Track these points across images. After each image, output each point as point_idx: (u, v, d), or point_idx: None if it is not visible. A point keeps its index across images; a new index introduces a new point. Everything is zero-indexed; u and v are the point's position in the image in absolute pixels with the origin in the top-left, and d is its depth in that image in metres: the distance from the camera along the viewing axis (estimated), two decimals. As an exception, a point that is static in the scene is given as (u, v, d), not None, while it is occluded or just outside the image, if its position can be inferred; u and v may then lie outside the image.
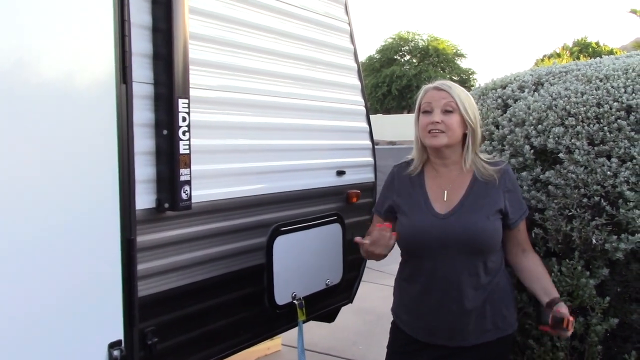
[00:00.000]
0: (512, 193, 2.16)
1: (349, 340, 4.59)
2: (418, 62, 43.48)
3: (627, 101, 2.38)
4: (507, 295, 2.20)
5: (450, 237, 2.09)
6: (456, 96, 2.13)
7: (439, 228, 2.11)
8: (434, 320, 2.16)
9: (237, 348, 2.78)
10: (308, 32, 3.11)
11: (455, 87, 2.16)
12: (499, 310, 2.16)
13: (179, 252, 2.36)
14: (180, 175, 2.21)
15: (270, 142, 2.83)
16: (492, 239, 2.11)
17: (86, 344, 1.98)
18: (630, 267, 2.28)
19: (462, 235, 2.08)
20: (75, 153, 1.92)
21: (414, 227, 2.17)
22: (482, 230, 2.08)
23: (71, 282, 1.92)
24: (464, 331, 2.13)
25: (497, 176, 2.15)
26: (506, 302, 2.19)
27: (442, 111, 2.12)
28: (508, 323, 2.19)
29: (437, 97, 2.14)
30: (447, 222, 2.11)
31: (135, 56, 2.11)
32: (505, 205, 2.13)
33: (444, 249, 2.10)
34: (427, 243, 2.13)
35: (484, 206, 2.11)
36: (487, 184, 2.15)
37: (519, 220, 2.17)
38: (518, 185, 2.24)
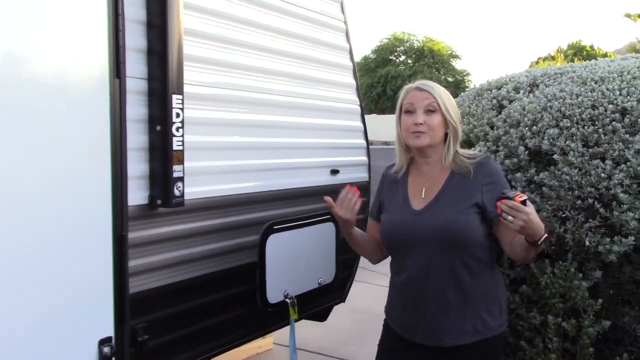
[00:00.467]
0: (492, 185, 2.10)
1: (341, 340, 4.58)
2: (413, 63, 43.51)
3: (622, 104, 2.38)
4: (492, 300, 2.16)
5: (422, 232, 2.11)
6: (438, 96, 2.14)
7: (413, 224, 2.15)
8: (414, 317, 2.19)
9: (228, 346, 2.77)
10: (303, 29, 3.10)
11: (436, 88, 2.18)
12: (480, 314, 2.12)
13: (171, 249, 2.34)
14: (173, 171, 2.19)
15: (264, 139, 2.81)
16: (463, 232, 2.07)
17: (76, 341, 1.96)
18: (623, 270, 2.29)
19: (434, 230, 2.09)
20: (67, 148, 1.90)
21: (390, 223, 2.23)
22: (452, 223, 2.07)
23: (61, 278, 1.90)
24: (441, 330, 2.12)
25: (472, 169, 2.14)
26: (489, 307, 2.14)
27: (424, 111, 2.15)
28: (488, 327, 2.13)
29: (419, 98, 2.16)
30: (420, 218, 2.14)
31: (129, 51, 2.09)
32: (482, 198, 2.09)
33: (420, 244, 2.12)
34: (402, 239, 2.18)
35: (458, 200, 2.11)
36: (463, 178, 2.14)
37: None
38: (502, 178, 2.16)
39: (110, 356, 2.04)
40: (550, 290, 2.33)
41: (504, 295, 2.24)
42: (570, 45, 35.64)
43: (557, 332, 2.36)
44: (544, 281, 2.34)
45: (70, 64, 1.90)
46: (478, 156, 2.18)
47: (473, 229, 2.08)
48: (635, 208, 2.19)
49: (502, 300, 2.20)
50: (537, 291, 2.39)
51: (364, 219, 3.59)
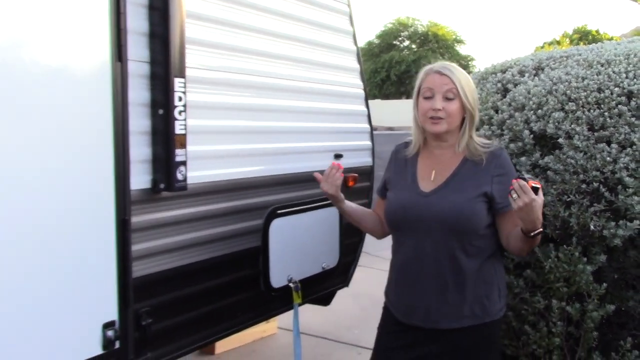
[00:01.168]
0: (502, 177, 2.09)
1: (344, 325, 4.59)
2: (417, 48, 43.31)
3: (628, 87, 2.36)
4: (490, 286, 2.14)
5: (429, 214, 2.10)
6: (457, 82, 2.10)
7: (420, 205, 2.13)
8: (411, 299, 2.17)
9: (232, 330, 2.77)
10: (307, 12, 3.07)
11: (456, 72, 2.13)
12: (479, 299, 2.11)
13: (175, 234, 2.34)
14: (176, 155, 2.18)
15: (267, 123, 2.80)
16: (470, 220, 2.06)
17: (80, 324, 1.96)
18: (628, 254, 2.28)
19: (441, 214, 2.08)
20: (68, 132, 1.89)
21: (397, 202, 2.22)
22: (460, 210, 2.07)
23: (65, 262, 1.90)
24: (439, 312, 2.12)
25: (485, 158, 2.12)
26: (488, 293, 2.12)
27: (443, 97, 2.11)
28: (487, 312, 2.12)
29: (438, 83, 2.11)
30: (428, 200, 2.13)
31: (130, 34, 2.07)
32: (491, 189, 2.08)
33: (424, 226, 2.11)
34: (407, 219, 2.16)
35: (467, 187, 2.10)
36: (475, 165, 2.13)
37: (509, 205, 2.00)
38: (513, 170, 2.15)
39: (114, 340, 2.05)
40: (555, 275, 2.32)
41: (502, 281, 2.21)
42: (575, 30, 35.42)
43: (561, 316, 2.35)
44: (549, 265, 2.33)
45: (71, 48, 1.89)
46: (492, 146, 2.16)
47: (479, 217, 2.08)
48: (641, 192, 2.17)
49: (500, 285, 2.18)
50: (542, 275, 2.38)
51: (366, 204, 3.59)
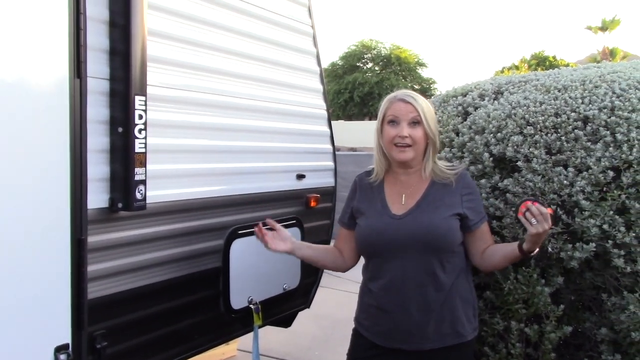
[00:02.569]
0: (470, 196, 2.20)
1: (305, 346, 4.55)
2: (380, 70, 43.80)
3: (584, 112, 2.41)
4: (467, 303, 2.21)
5: (405, 236, 2.13)
6: (420, 110, 2.16)
7: (394, 228, 2.16)
8: (392, 322, 2.17)
9: (191, 353, 2.72)
10: (270, 32, 3.08)
11: (419, 100, 2.19)
12: (459, 316, 2.16)
13: (132, 254, 2.30)
14: (135, 174, 2.15)
15: (229, 143, 2.78)
16: (446, 236, 2.12)
17: (31, 348, 1.90)
18: (585, 276, 2.31)
19: (417, 233, 2.12)
20: (23, 148, 1.84)
21: (369, 227, 2.22)
22: (436, 227, 2.12)
23: (17, 282, 1.84)
24: (422, 334, 2.13)
25: (453, 179, 2.20)
26: (466, 309, 2.19)
27: (408, 124, 2.15)
28: (467, 330, 2.18)
29: (404, 110, 2.16)
30: (402, 222, 2.16)
31: (90, 50, 2.04)
32: (462, 207, 2.17)
33: (401, 248, 2.13)
34: (382, 243, 2.17)
35: (440, 207, 2.16)
36: (444, 187, 2.20)
37: (479, 222, 2.19)
38: (477, 189, 2.28)
39: (67, 364, 1.98)
40: (514, 296, 2.34)
41: (476, 300, 2.29)
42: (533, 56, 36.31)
43: (520, 337, 2.37)
44: (507, 287, 2.35)
45: (29, 63, 1.85)
46: (457, 168, 2.25)
47: (454, 234, 2.15)
48: (597, 215, 2.22)
49: (475, 304, 2.26)
50: (501, 297, 2.40)
51: (328, 225, 3.58)
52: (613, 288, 2.25)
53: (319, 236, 3.49)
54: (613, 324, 2.23)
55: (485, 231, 2.22)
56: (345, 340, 2.41)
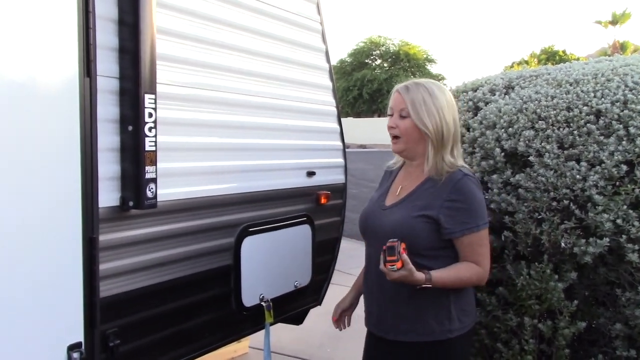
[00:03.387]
0: (455, 203, 2.05)
1: (316, 343, 4.55)
2: (389, 67, 43.74)
3: (596, 105, 2.39)
4: (439, 307, 2.09)
5: (380, 227, 2.17)
6: (409, 101, 2.11)
7: (377, 217, 2.22)
8: (368, 305, 2.28)
9: (203, 350, 2.72)
10: (279, 30, 3.07)
11: (411, 92, 2.12)
12: (423, 317, 2.09)
13: (144, 252, 2.30)
14: (145, 172, 2.15)
15: (239, 140, 2.78)
16: (406, 237, 2.01)
17: (44, 346, 1.90)
18: (598, 271, 2.29)
19: (387, 228, 2.13)
20: (35, 148, 1.85)
21: (363, 212, 2.31)
22: (399, 226, 2.09)
23: (30, 281, 1.84)
24: (387, 323, 2.18)
25: (443, 179, 2.09)
26: (436, 312, 2.09)
27: (399, 115, 2.16)
28: (430, 331, 2.08)
29: (396, 101, 2.18)
30: (383, 214, 2.21)
31: (100, 49, 2.04)
32: (438, 213, 2.05)
33: (376, 238, 2.16)
34: (367, 229, 2.26)
35: (415, 206, 2.11)
36: (433, 186, 2.11)
37: (458, 233, 2.04)
38: (474, 199, 2.08)
39: (80, 362, 1.99)
40: (527, 292, 2.33)
41: (461, 305, 2.14)
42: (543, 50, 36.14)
43: (533, 333, 2.35)
44: (520, 283, 2.33)
45: (39, 62, 1.85)
46: (458, 169, 2.11)
47: (416, 236, 2.05)
48: (610, 209, 2.20)
49: (454, 309, 2.11)
50: (514, 293, 2.38)
51: (338, 222, 3.58)
52: (627, 283, 2.23)
53: (330, 234, 3.48)
54: (628, 319, 2.21)
55: (466, 244, 2.06)
56: (356, 338, 2.41)
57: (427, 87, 2.13)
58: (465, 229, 2.04)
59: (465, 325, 2.14)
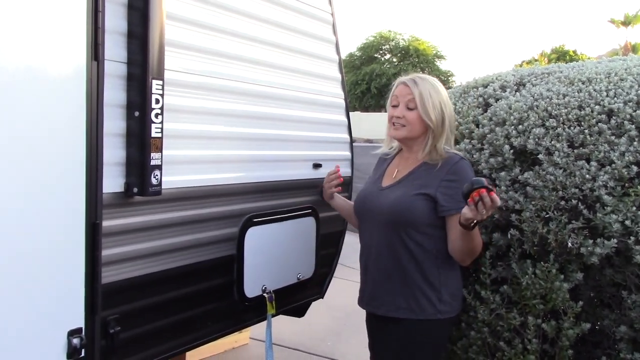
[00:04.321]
0: (452, 182, 2.20)
1: (318, 337, 4.54)
2: (398, 62, 43.63)
3: (608, 105, 2.36)
4: (430, 287, 2.25)
5: (378, 207, 2.32)
6: (417, 94, 2.27)
7: (374, 198, 2.38)
8: (362, 284, 2.44)
9: (203, 340, 2.71)
10: (290, 19, 3.04)
11: (420, 85, 2.29)
12: (416, 295, 2.24)
13: (147, 239, 2.28)
14: (151, 159, 2.13)
15: (246, 130, 2.76)
16: (404, 213, 2.23)
17: (44, 331, 1.89)
18: (605, 272, 2.27)
19: (384, 206, 2.29)
20: (39, 132, 1.83)
21: (360, 194, 2.48)
22: (399, 203, 2.25)
23: (31, 266, 1.83)
24: (378, 299, 2.33)
25: (440, 162, 2.26)
26: (427, 292, 2.24)
27: (405, 106, 2.31)
28: (423, 310, 2.24)
29: (403, 93, 2.32)
30: (381, 194, 2.36)
31: (108, 33, 2.02)
32: (436, 191, 2.21)
33: (374, 218, 2.33)
34: (364, 210, 2.42)
35: (413, 185, 2.27)
36: (429, 168, 2.28)
37: (453, 210, 2.18)
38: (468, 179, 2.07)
39: (80, 348, 1.98)
40: (531, 291, 2.31)
41: (450, 288, 2.30)
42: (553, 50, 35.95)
43: (537, 333, 2.33)
44: (525, 282, 2.31)
45: (45, 44, 1.83)
46: (453, 154, 2.30)
47: (416, 212, 2.22)
48: (619, 210, 2.17)
49: (444, 291, 2.27)
50: (518, 292, 2.36)
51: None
52: (634, 285, 2.21)
53: (335, 226, 3.46)
54: (633, 322, 2.19)
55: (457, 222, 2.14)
56: (358, 332, 2.42)
57: (431, 82, 2.33)
58: (460, 208, 2.09)
59: (452, 309, 2.31)
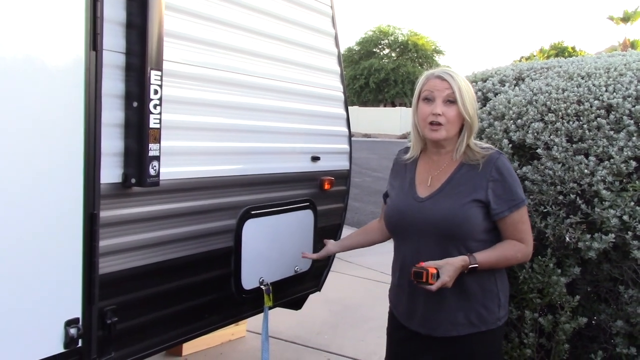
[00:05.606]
0: (498, 182, 2.05)
1: (315, 330, 4.55)
2: (397, 57, 43.56)
3: (607, 100, 2.36)
4: (489, 295, 2.10)
5: (423, 220, 2.10)
6: (457, 87, 2.07)
7: (415, 210, 2.13)
8: (409, 305, 2.17)
9: (200, 332, 2.71)
10: (289, 11, 3.03)
11: (457, 78, 2.09)
12: (474, 307, 2.08)
13: (145, 230, 2.28)
14: (149, 150, 2.12)
15: (244, 122, 2.75)
16: (461, 226, 2.04)
17: (41, 321, 1.89)
18: (602, 267, 2.27)
19: (433, 219, 2.07)
20: (37, 122, 1.82)
21: (394, 207, 2.23)
22: (452, 215, 2.05)
23: (29, 256, 1.83)
24: (434, 320, 2.11)
25: (481, 162, 2.08)
26: (486, 302, 2.09)
27: (443, 102, 2.07)
28: (484, 321, 2.09)
29: (440, 87, 2.08)
30: (422, 205, 2.12)
31: (107, 23, 2.01)
32: (487, 194, 2.05)
33: (419, 232, 2.11)
34: (403, 224, 2.17)
35: (461, 193, 2.07)
36: (471, 170, 2.09)
37: (506, 211, 2.04)
38: (513, 175, 2.10)
39: (77, 338, 1.98)
40: (528, 285, 2.31)
41: (504, 290, 2.17)
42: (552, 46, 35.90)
43: (534, 327, 2.34)
44: (523, 276, 2.32)
45: (43, 34, 1.82)
46: (490, 150, 2.12)
47: (472, 223, 2.05)
48: (617, 205, 2.17)
49: (501, 295, 2.14)
50: (515, 286, 2.36)
51: (341, 209, 3.57)
52: (631, 280, 2.21)
53: (332, 220, 3.46)
54: (629, 317, 2.20)
55: (510, 222, 2.07)
56: (354, 325, 2.41)
57: (462, 76, 2.13)
58: (512, 206, 2.05)
59: (507, 311, 2.17)
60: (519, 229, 2.08)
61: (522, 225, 2.09)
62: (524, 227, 2.10)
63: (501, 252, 2.07)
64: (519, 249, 2.09)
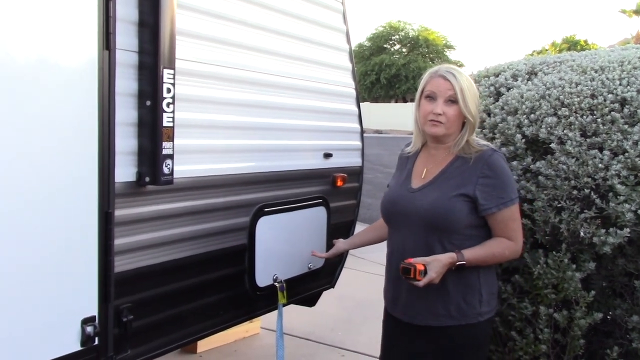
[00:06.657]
0: (489, 179, 2.08)
1: (328, 326, 4.55)
2: (408, 52, 43.43)
3: (621, 93, 2.34)
4: (470, 289, 2.12)
5: (412, 210, 2.15)
6: (458, 88, 2.10)
7: (406, 201, 2.20)
8: (394, 291, 2.25)
9: (215, 329, 2.73)
10: (300, 8, 3.03)
11: (459, 78, 2.12)
12: (456, 300, 2.11)
13: (159, 228, 2.29)
14: (162, 148, 2.14)
15: (257, 120, 2.76)
16: (446, 217, 2.08)
17: (58, 319, 1.91)
18: (617, 262, 2.26)
19: (421, 210, 2.13)
20: (52, 122, 1.84)
21: (389, 196, 2.31)
22: (437, 207, 2.10)
23: (45, 255, 1.85)
24: (414, 308, 2.17)
25: (473, 157, 2.12)
26: (466, 295, 2.12)
27: (445, 101, 2.12)
28: (464, 314, 2.11)
29: (442, 87, 2.12)
30: (413, 196, 2.19)
31: (119, 22, 2.03)
32: (474, 190, 2.08)
33: (408, 221, 2.17)
34: (395, 213, 2.25)
35: (450, 185, 2.12)
36: (464, 164, 2.14)
37: (494, 208, 2.07)
38: (506, 173, 2.12)
39: (94, 336, 2.00)
40: (543, 281, 2.30)
41: (490, 288, 2.18)
42: (564, 40, 35.65)
43: (548, 323, 2.33)
44: (537, 271, 2.30)
45: (57, 34, 1.84)
46: (485, 147, 2.15)
47: (456, 216, 2.08)
48: (632, 200, 2.16)
49: (484, 291, 2.15)
50: (530, 281, 2.36)
51: (354, 205, 3.57)
52: (647, 275, 2.20)
53: (345, 216, 3.46)
54: (645, 312, 2.18)
55: (500, 219, 2.09)
56: (368, 322, 2.42)
57: (466, 75, 2.16)
58: (501, 204, 2.07)
59: (492, 308, 2.19)
60: (509, 226, 2.11)
61: (512, 224, 2.12)
62: (514, 225, 2.13)
63: (489, 249, 2.11)
64: (507, 246, 2.11)
